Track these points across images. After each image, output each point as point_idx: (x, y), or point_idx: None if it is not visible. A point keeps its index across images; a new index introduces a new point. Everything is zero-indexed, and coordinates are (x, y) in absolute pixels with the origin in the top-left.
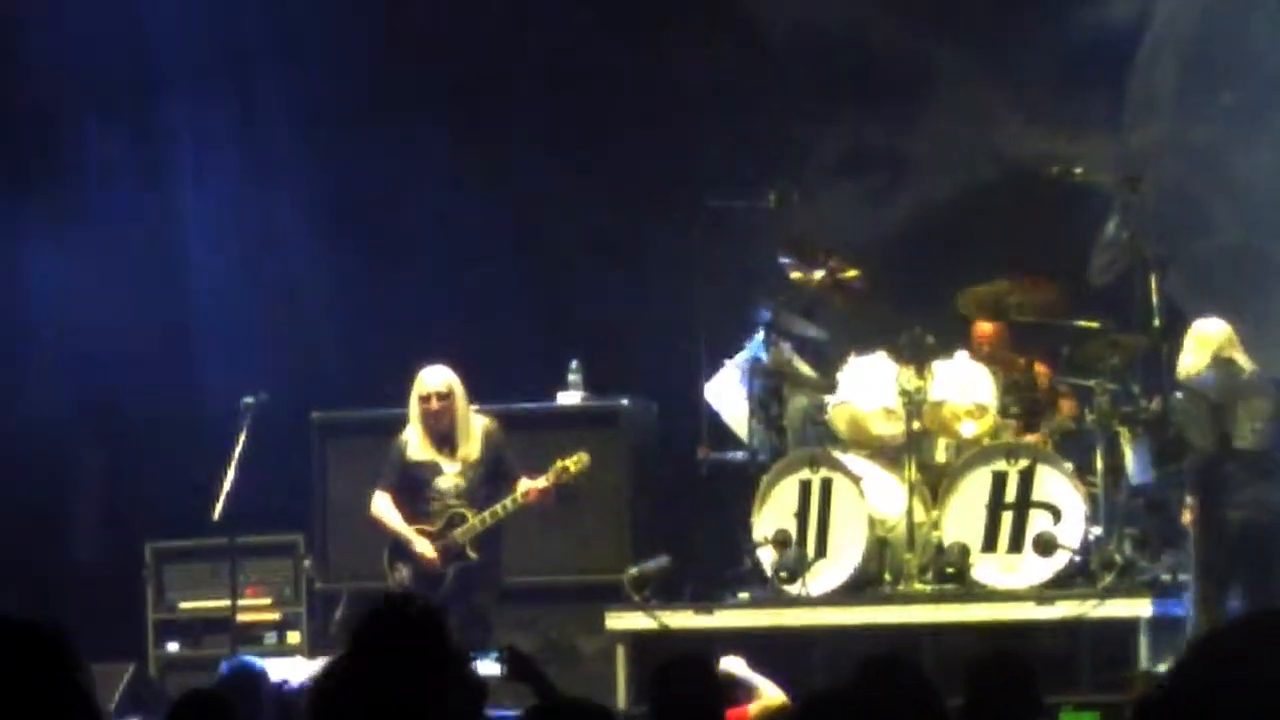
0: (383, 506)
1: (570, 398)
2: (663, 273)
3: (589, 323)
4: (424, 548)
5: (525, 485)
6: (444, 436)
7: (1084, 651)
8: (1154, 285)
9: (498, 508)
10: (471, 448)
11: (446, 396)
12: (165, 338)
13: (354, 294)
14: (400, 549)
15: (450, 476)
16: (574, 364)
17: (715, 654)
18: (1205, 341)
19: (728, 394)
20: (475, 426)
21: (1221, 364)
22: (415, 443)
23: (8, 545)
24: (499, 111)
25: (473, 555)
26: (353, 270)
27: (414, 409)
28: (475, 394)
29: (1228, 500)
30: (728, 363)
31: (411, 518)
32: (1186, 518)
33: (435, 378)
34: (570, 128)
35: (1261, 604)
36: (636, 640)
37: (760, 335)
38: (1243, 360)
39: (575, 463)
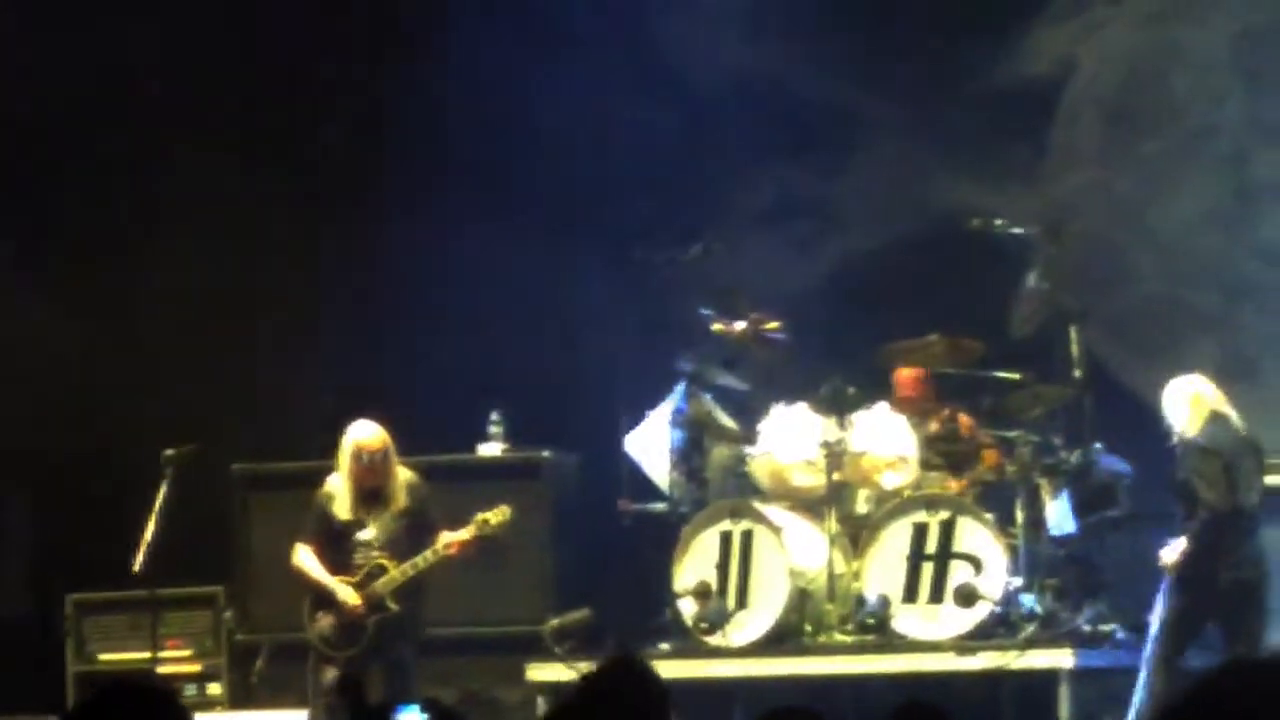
0: (305, 558)
1: (491, 449)
2: (585, 324)
3: (511, 373)
4: (347, 595)
5: (446, 538)
6: (373, 491)
7: (1005, 703)
8: (1075, 336)
9: (419, 560)
10: (397, 501)
11: (383, 454)
12: (89, 387)
13: (276, 345)
14: (321, 600)
15: (373, 529)
16: (495, 415)
17: None
18: (1203, 399)
19: (649, 445)
20: (400, 480)
21: (1221, 420)
22: (341, 496)
23: None
24: (416, 157)
25: (394, 606)
26: (275, 320)
27: (346, 464)
28: (397, 445)
29: (1223, 559)
30: (650, 414)
31: (334, 569)
32: (1170, 559)
33: (372, 434)
34: (492, 177)
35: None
36: (557, 692)
37: (682, 387)
38: (1236, 418)
39: (497, 515)
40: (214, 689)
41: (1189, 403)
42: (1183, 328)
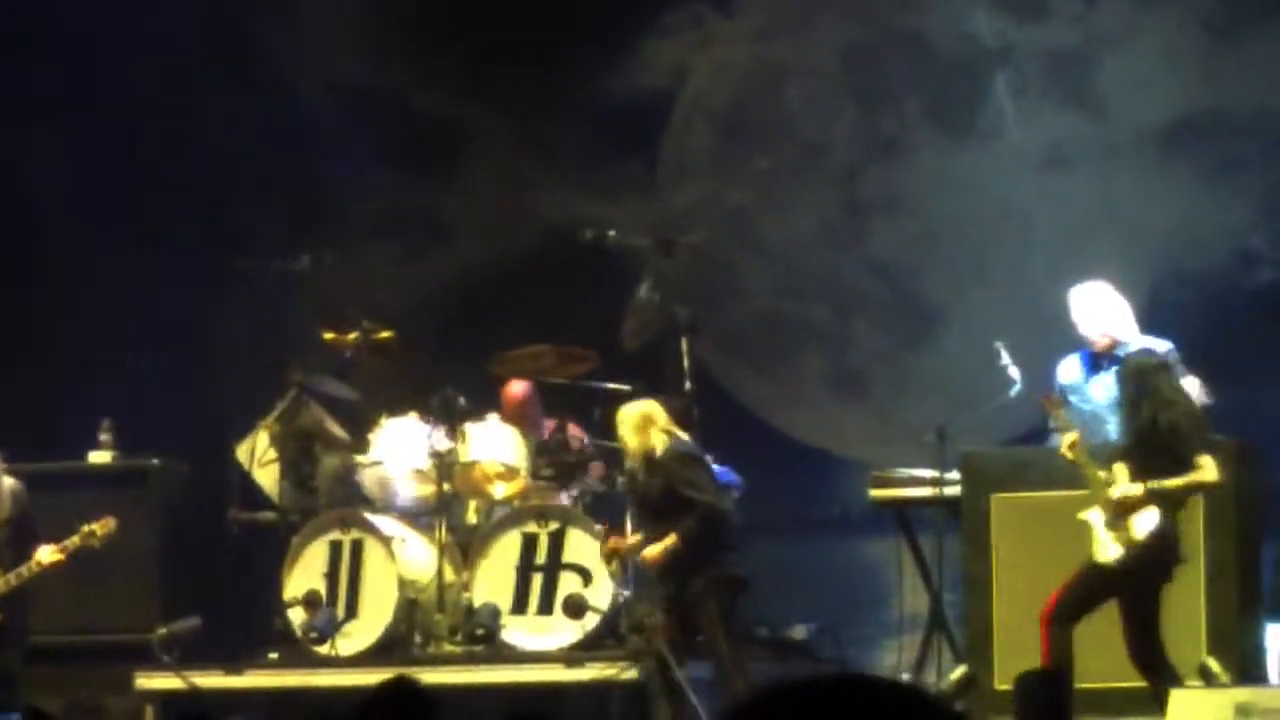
0: None
1: (101, 457)
2: (197, 332)
3: (121, 381)
4: None
5: (46, 552)
6: None
7: (613, 714)
8: (685, 349)
9: (22, 570)
10: (1, 510)
11: None
12: None
13: None
14: None
15: None
16: (105, 423)
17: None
18: (660, 419)
19: (259, 454)
20: (4, 488)
21: (678, 437)
22: None
23: None
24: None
25: None
26: None
27: None
28: (3, 452)
29: (729, 555)
30: (259, 423)
31: None
32: (653, 554)
33: None
34: (105, 186)
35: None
36: (166, 700)
37: (292, 396)
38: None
39: (102, 526)
40: None
41: (647, 424)
42: (793, 341)
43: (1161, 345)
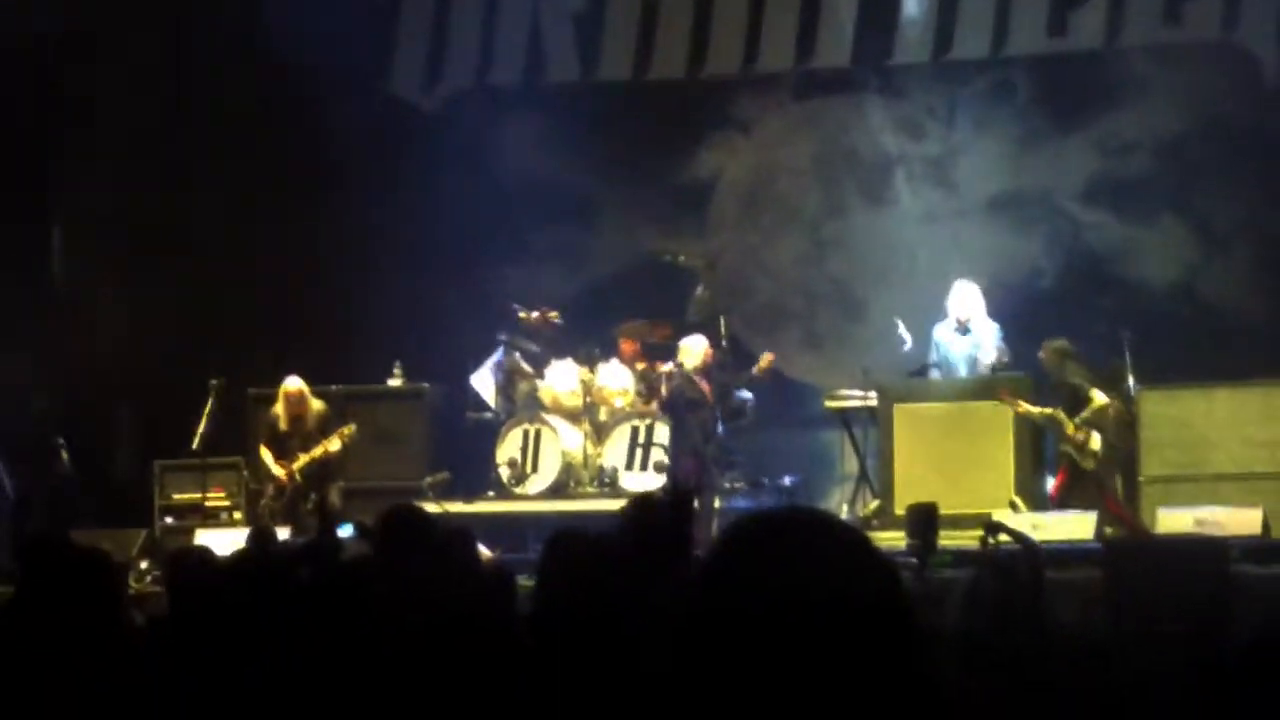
0: (264, 453)
1: (395, 383)
2: (450, 309)
3: (409, 337)
4: (277, 470)
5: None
6: (297, 416)
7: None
8: (724, 324)
9: (315, 451)
10: (309, 422)
11: (299, 397)
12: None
13: (243, 295)
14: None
15: (296, 437)
16: (397, 363)
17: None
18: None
19: (483, 381)
20: (314, 409)
21: None
22: (281, 417)
23: None
24: (328, 144)
25: (299, 479)
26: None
27: (280, 400)
28: (332, 375)
29: None
30: (484, 363)
31: (278, 456)
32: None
33: (290, 385)
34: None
35: None
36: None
37: (501, 349)
38: None
39: (349, 429)
40: (237, 515)
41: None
42: (784, 320)
43: (993, 324)
